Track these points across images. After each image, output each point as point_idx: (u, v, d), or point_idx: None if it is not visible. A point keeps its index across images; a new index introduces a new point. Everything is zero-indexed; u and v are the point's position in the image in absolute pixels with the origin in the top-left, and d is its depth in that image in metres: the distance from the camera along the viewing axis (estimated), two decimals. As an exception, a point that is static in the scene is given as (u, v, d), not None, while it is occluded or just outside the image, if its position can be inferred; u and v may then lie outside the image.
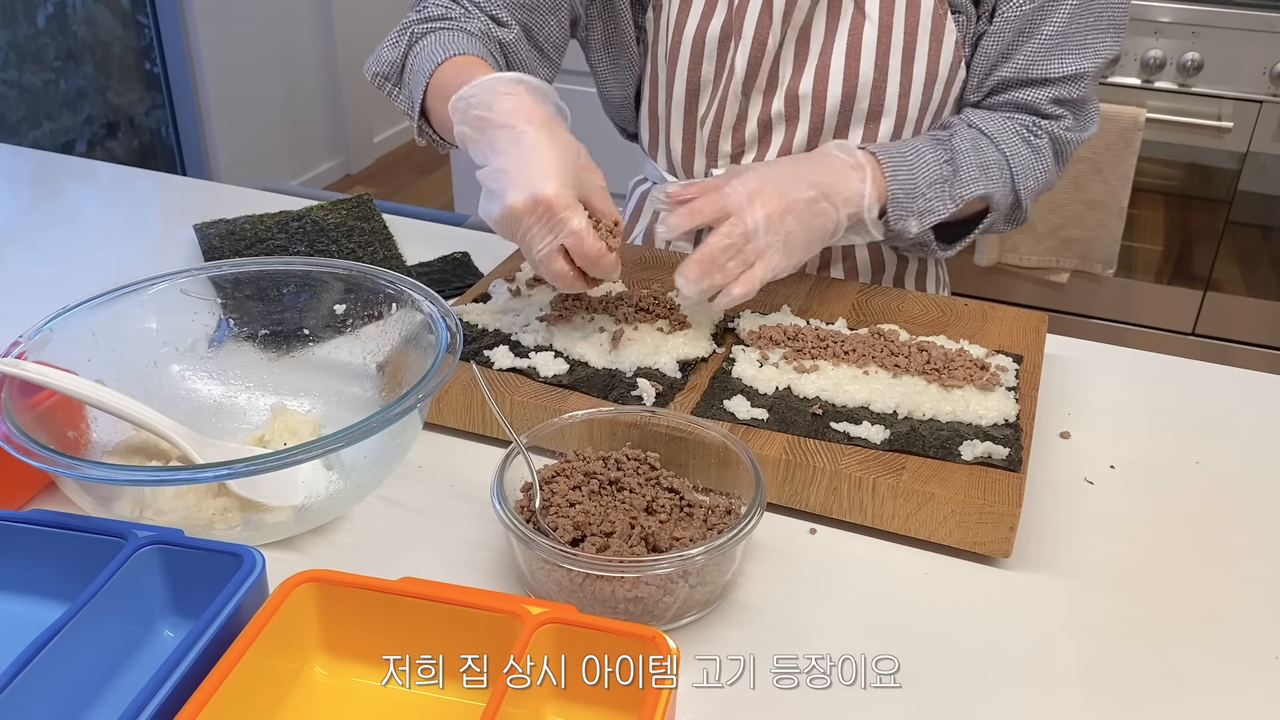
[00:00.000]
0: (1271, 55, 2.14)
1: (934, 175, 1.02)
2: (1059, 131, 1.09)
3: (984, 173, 1.04)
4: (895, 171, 1.00)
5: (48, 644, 0.60)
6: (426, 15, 1.07)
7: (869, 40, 1.07)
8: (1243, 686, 0.70)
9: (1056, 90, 1.07)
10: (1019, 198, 1.08)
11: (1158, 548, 0.81)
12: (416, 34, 1.05)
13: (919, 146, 1.03)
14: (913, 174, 1.01)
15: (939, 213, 1.02)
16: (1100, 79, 1.11)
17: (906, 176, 1.01)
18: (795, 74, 1.09)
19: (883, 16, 1.06)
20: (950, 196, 1.03)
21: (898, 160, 1.01)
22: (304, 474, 0.80)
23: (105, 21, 3.10)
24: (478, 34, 1.05)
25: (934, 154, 1.03)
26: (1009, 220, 1.11)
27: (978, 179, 1.04)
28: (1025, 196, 1.08)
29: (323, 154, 3.87)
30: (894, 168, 1.00)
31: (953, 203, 1.03)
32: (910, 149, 1.02)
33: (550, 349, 0.94)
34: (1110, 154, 2.23)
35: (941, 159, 1.03)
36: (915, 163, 1.01)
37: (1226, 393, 1.02)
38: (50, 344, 0.82)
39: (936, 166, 1.02)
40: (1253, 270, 2.37)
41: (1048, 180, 1.10)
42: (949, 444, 0.83)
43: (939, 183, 1.02)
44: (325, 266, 0.93)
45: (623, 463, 0.78)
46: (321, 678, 0.66)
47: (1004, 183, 1.06)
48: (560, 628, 0.62)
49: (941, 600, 0.76)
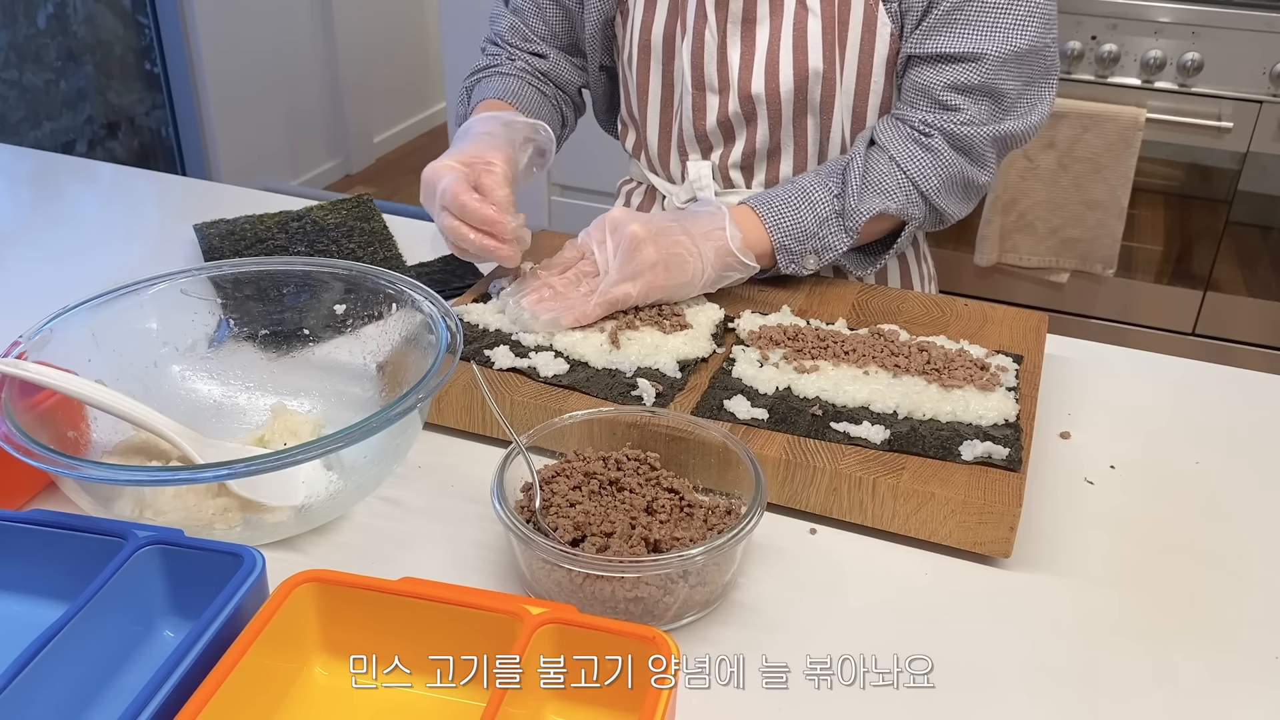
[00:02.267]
0: (1271, 55, 2.14)
1: (824, 213, 1.04)
2: (954, 127, 1.05)
3: (878, 190, 1.04)
4: (777, 221, 1.03)
5: (48, 644, 0.60)
6: (477, 68, 1.25)
7: (814, 32, 1.08)
8: (1243, 686, 0.70)
9: (953, 72, 1.04)
10: (928, 201, 1.06)
11: (1158, 548, 0.81)
12: (469, 86, 1.24)
13: (807, 187, 1.05)
14: (799, 219, 1.04)
15: (837, 247, 1.05)
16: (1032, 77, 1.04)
17: (792, 224, 1.03)
18: (744, 71, 1.11)
19: (824, 8, 1.07)
20: (845, 229, 1.05)
21: (779, 209, 1.04)
22: (304, 474, 0.80)
23: (105, 22, 3.10)
24: (514, 73, 1.21)
25: (823, 192, 1.05)
26: (935, 223, 1.11)
27: (870, 201, 1.04)
28: (934, 197, 1.06)
29: (323, 154, 3.87)
30: (775, 218, 1.03)
31: (848, 235, 1.05)
32: (798, 193, 1.05)
33: (550, 349, 0.94)
34: (1110, 154, 2.23)
35: (831, 194, 1.05)
36: (800, 207, 1.04)
37: (1226, 393, 1.02)
38: (50, 344, 0.82)
39: (826, 203, 1.05)
40: (1253, 270, 2.37)
41: (961, 177, 1.06)
42: (949, 444, 0.83)
43: (831, 218, 1.05)
44: (325, 266, 0.93)
45: (623, 463, 0.78)
46: (321, 678, 0.66)
47: (904, 192, 1.05)
48: (560, 628, 0.62)
49: (941, 600, 0.76)
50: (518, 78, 1.21)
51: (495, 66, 1.23)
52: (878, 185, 1.04)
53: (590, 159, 2.47)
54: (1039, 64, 1.05)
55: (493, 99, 1.17)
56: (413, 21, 4.19)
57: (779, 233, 1.03)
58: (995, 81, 1.04)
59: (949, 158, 1.05)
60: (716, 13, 1.09)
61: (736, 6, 1.09)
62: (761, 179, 1.16)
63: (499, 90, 1.19)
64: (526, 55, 1.24)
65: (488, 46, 1.27)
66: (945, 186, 1.06)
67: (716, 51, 1.11)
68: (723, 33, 1.10)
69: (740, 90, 1.11)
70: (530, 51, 1.24)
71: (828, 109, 1.11)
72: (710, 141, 1.16)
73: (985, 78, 1.04)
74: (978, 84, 1.04)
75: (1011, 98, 1.06)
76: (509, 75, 1.21)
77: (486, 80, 1.22)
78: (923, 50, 1.05)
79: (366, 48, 3.91)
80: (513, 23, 1.24)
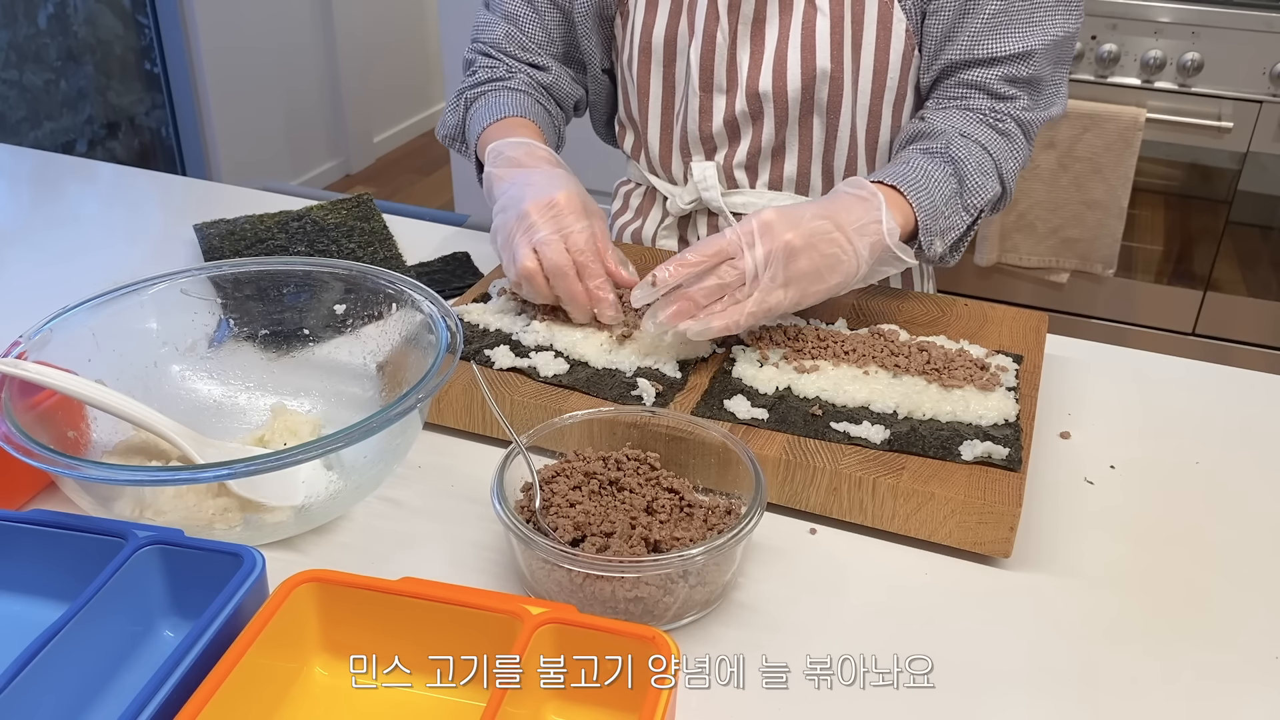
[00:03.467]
0: (1271, 55, 2.14)
1: (947, 192, 1.02)
2: (1019, 113, 1.08)
3: (984, 176, 1.05)
4: (918, 197, 0.99)
5: (48, 644, 0.60)
6: (476, 80, 1.19)
7: (822, 31, 1.08)
8: (1243, 686, 0.70)
9: (1005, 69, 1.06)
10: (1005, 187, 1.08)
11: (1158, 548, 0.81)
12: (469, 99, 1.19)
13: (924, 166, 1.02)
14: (931, 195, 1.00)
15: (958, 228, 1.03)
16: (1060, 61, 1.08)
17: (927, 199, 0.99)
18: (753, 70, 1.10)
19: (834, 7, 1.07)
20: (964, 208, 1.03)
21: (915, 185, 0.99)
22: (304, 474, 0.80)
23: (106, 21, 3.10)
24: (520, 88, 1.18)
25: (940, 171, 1.02)
26: (995, 209, 1.11)
27: (983, 185, 1.04)
28: (1009, 182, 1.08)
29: (323, 154, 3.87)
30: (915, 193, 0.99)
31: (968, 215, 1.03)
32: (919, 171, 1.01)
33: (550, 349, 0.94)
34: (1110, 154, 2.23)
35: (948, 173, 1.03)
36: (928, 184, 1.00)
37: (1226, 393, 1.02)
38: (50, 344, 0.82)
39: (946, 182, 1.02)
40: (1253, 270, 2.37)
41: (1025, 161, 1.10)
42: (949, 444, 0.83)
43: (953, 198, 1.02)
44: (325, 266, 0.93)
45: (623, 463, 0.78)
46: (321, 678, 0.66)
47: (997, 179, 1.06)
48: (560, 628, 0.62)
49: (941, 600, 0.76)
50: (526, 94, 1.17)
51: (501, 80, 1.18)
52: (983, 172, 1.05)
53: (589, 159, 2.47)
54: (1068, 49, 1.09)
55: (515, 117, 1.13)
56: (413, 21, 4.19)
57: (920, 209, 0.99)
58: (1040, 72, 1.08)
59: (1020, 143, 1.08)
60: (729, 14, 1.09)
61: (749, 7, 1.08)
62: (765, 178, 1.16)
63: (516, 107, 1.14)
64: (526, 67, 1.21)
65: (478, 59, 1.21)
66: (1018, 170, 1.09)
67: (727, 53, 1.11)
68: (734, 34, 1.10)
69: (748, 89, 1.11)
70: (529, 63, 1.21)
71: (834, 108, 1.11)
72: (715, 142, 1.16)
73: (1034, 70, 1.07)
74: (1027, 76, 1.07)
75: (1051, 84, 1.10)
76: (519, 91, 1.17)
77: (494, 95, 1.16)
78: (974, 55, 1.07)
79: (366, 48, 3.91)
80: (508, 30, 1.19)
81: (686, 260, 0.89)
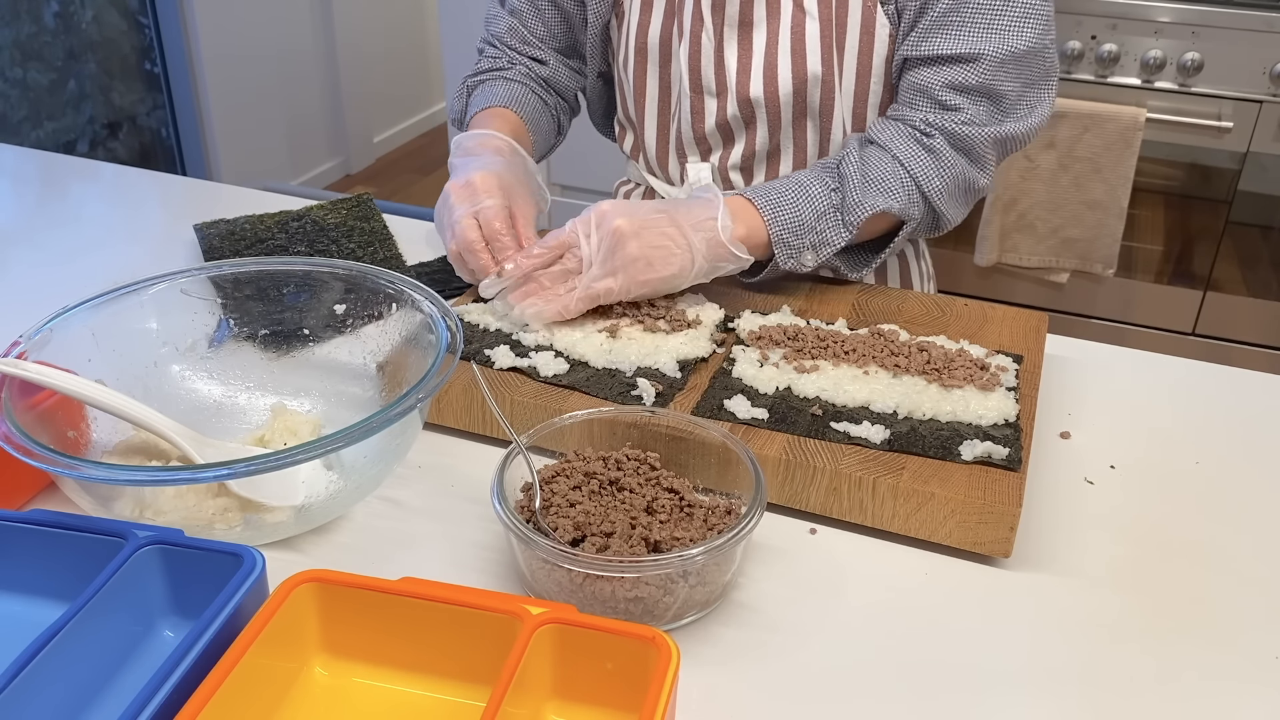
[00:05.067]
0: (1271, 55, 2.14)
1: (822, 206, 1.03)
2: (955, 127, 1.04)
3: (881, 189, 1.03)
4: (775, 213, 1.01)
5: (48, 644, 0.60)
6: (480, 69, 1.26)
7: (811, 35, 1.08)
8: (1243, 686, 0.70)
9: (950, 73, 1.04)
10: (929, 203, 1.05)
11: (1158, 548, 0.81)
12: (470, 86, 1.25)
13: (804, 181, 1.04)
14: (797, 211, 1.02)
15: (835, 242, 1.03)
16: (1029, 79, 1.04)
17: (790, 216, 1.01)
18: (742, 75, 1.11)
19: (821, 10, 1.07)
20: (844, 224, 1.03)
21: (776, 201, 1.02)
22: (304, 474, 0.80)
23: (109, 20, 3.10)
24: (516, 79, 1.23)
25: (819, 186, 1.03)
26: (931, 227, 1.09)
27: (873, 198, 1.02)
28: (935, 199, 1.05)
29: (323, 154, 3.87)
30: (772, 209, 1.01)
31: (847, 230, 1.03)
32: (794, 185, 1.03)
33: (550, 349, 0.94)
34: (1110, 154, 2.23)
35: (829, 188, 1.03)
36: (798, 199, 1.02)
37: (1226, 393, 1.02)
38: (50, 344, 0.82)
39: (824, 197, 1.03)
40: (1253, 270, 2.37)
41: (963, 179, 1.06)
42: (949, 444, 0.83)
43: (829, 212, 1.03)
44: (325, 266, 0.93)
45: (623, 463, 0.78)
46: (321, 678, 0.66)
47: (906, 192, 1.04)
48: (560, 628, 0.62)
49: (941, 600, 0.76)
50: (521, 84, 1.22)
51: (499, 70, 1.24)
52: (880, 183, 1.03)
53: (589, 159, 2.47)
54: (1038, 66, 1.05)
55: (498, 106, 1.18)
56: (413, 22, 4.19)
57: (777, 225, 1.01)
58: (994, 83, 1.04)
59: (950, 158, 1.05)
60: (713, 16, 1.09)
61: (733, 10, 1.08)
62: (761, 180, 1.16)
63: (504, 97, 1.19)
64: (526, 60, 1.25)
65: (485, 48, 1.28)
66: (947, 188, 1.05)
67: (714, 54, 1.11)
68: (719, 36, 1.10)
69: (739, 94, 1.11)
70: (530, 56, 1.26)
71: (827, 112, 1.11)
72: (709, 143, 1.16)
73: (983, 79, 1.03)
74: (976, 85, 1.04)
75: (1011, 99, 1.05)
76: (513, 81, 1.22)
77: (490, 84, 1.23)
78: (919, 52, 1.05)
79: (366, 48, 3.92)
80: (511, 24, 1.25)
81: (531, 254, 0.98)
